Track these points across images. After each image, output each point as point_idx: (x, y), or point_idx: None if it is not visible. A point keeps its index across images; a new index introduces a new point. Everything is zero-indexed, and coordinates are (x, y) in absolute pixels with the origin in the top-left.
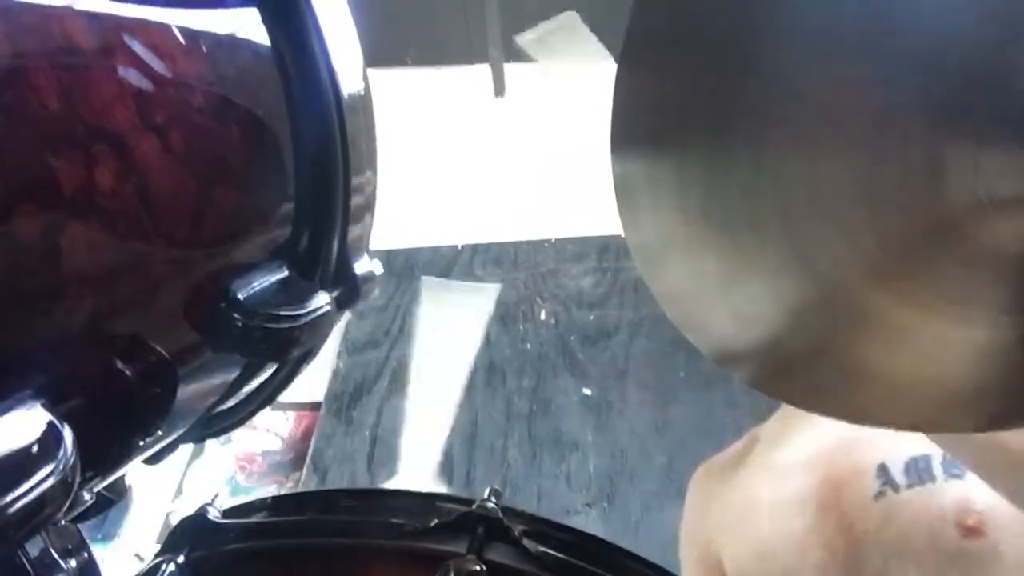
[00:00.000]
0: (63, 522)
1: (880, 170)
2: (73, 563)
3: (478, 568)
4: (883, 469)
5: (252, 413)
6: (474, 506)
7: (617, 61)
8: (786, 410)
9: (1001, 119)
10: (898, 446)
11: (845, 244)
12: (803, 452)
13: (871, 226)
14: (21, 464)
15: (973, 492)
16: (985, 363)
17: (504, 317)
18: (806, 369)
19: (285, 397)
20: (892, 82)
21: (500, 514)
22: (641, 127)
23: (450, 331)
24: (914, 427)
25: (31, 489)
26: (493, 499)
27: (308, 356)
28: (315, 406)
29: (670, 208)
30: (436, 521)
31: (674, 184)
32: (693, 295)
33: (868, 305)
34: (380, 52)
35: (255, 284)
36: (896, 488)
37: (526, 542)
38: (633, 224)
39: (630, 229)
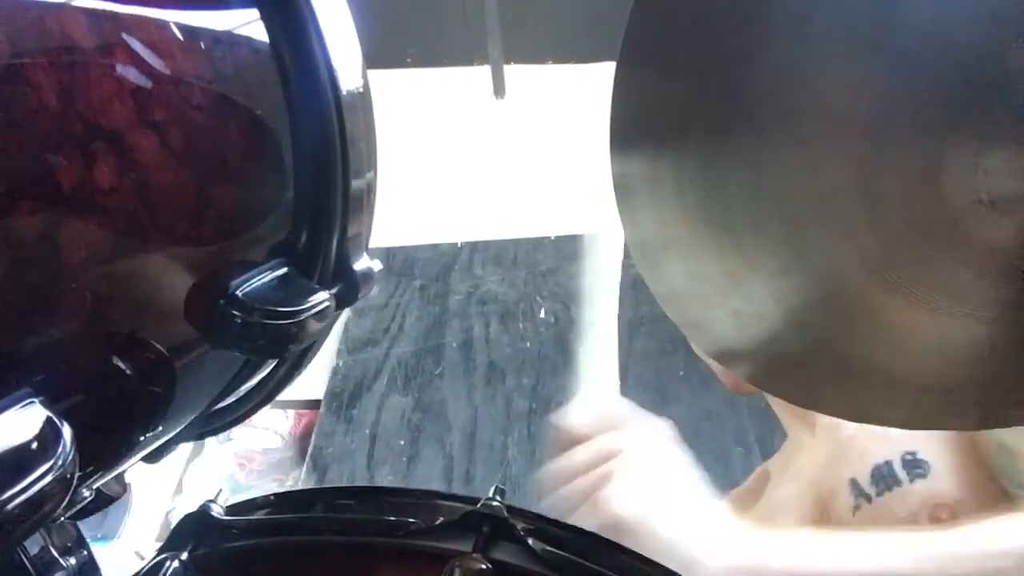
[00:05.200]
0: (62, 520)
1: (880, 169)
2: (73, 561)
3: (484, 567)
4: (854, 483)
5: (252, 411)
6: (479, 505)
7: (617, 61)
8: (789, 444)
9: (1001, 119)
10: (862, 457)
11: (845, 243)
12: (798, 481)
13: (871, 225)
14: (20, 461)
15: (938, 487)
16: (984, 361)
17: (504, 316)
18: (805, 367)
19: (285, 395)
20: (892, 82)
21: (505, 513)
22: (640, 126)
23: None
24: (913, 425)
25: (30, 486)
26: (498, 498)
27: (308, 354)
28: (315, 404)
29: (670, 207)
30: (441, 520)
31: (673, 183)
32: (693, 293)
33: (868, 303)
34: (380, 52)
35: (254, 281)
36: (869, 499)
37: (531, 541)
38: (633, 223)
39: (630, 228)
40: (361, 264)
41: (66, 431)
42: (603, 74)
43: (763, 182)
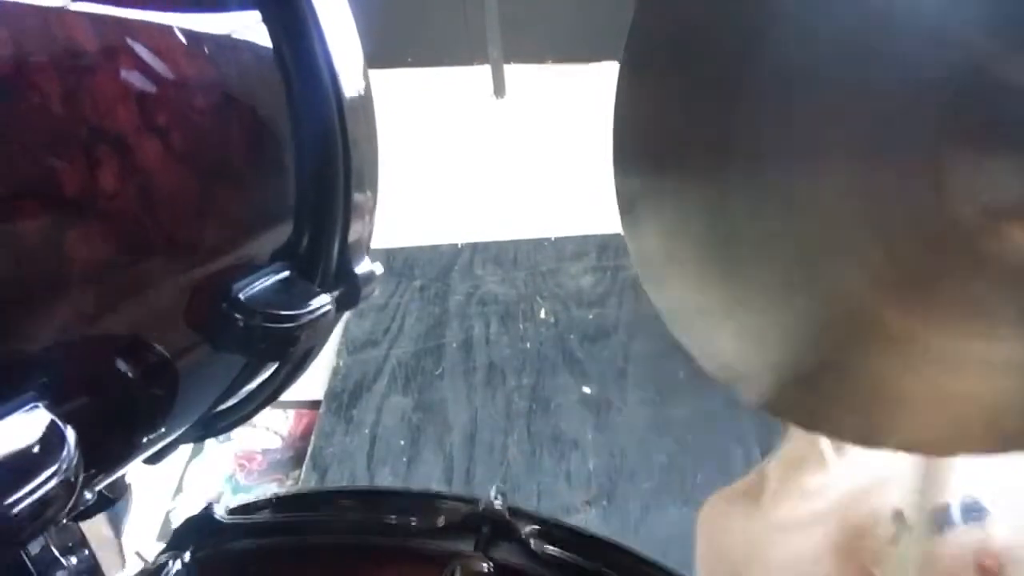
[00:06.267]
0: (64, 521)
1: (882, 181)
2: (74, 560)
3: (485, 567)
4: (900, 515)
5: (253, 412)
6: (480, 505)
7: (618, 77)
8: (791, 453)
9: (1001, 127)
10: (915, 493)
11: (851, 260)
12: (817, 504)
13: (876, 240)
14: (24, 465)
15: (991, 534)
16: (999, 380)
17: (504, 316)
18: (813, 389)
19: (285, 395)
20: (892, 93)
21: (506, 513)
22: (643, 141)
23: None
24: (927, 449)
25: (34, 490)
26: (499, 499)
27: (309, 356)
28: (315, 404)
29: (672, 222)
30: (443, 520)
31: (676, 199)
32: (697, 312)
33: (877, 322)
34: (380, 53)
35: (256, 284)
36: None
37: (532, 541)
38: (636, 238)
39: (633, 243)
40: (362, 267)
41: (70, 435)
42: (603, 74)
43: (766, 197)
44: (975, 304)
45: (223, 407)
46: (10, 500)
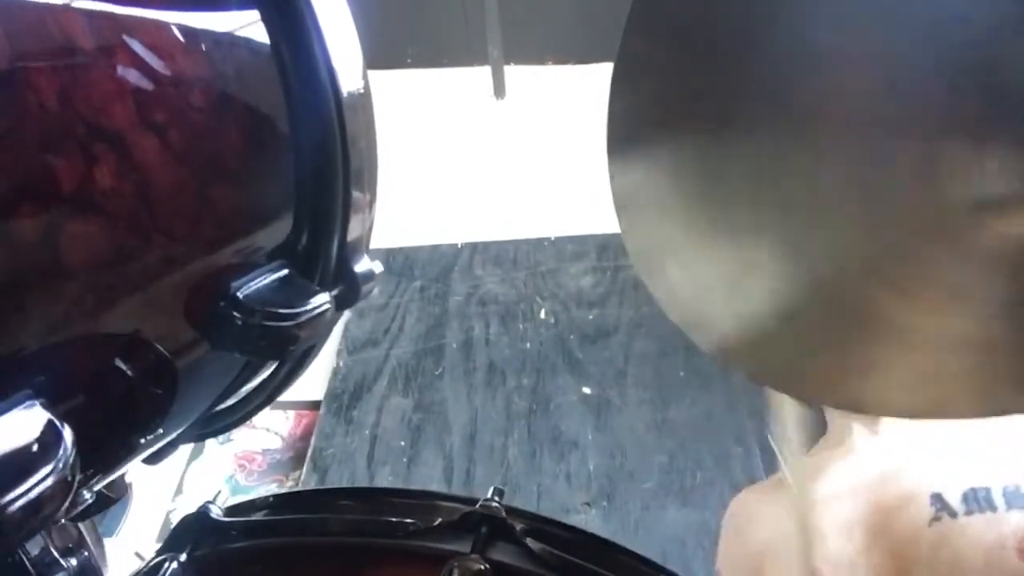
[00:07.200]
0: (63, 521)
1: (878, 168)
2: (73, 561)
3: (482, 567)
4: (938, 497)
5: (253, 412)
6: (477, 505)
7: (613, 71)
8: (832, 442)
9: (998, 119)
10: (954, 476)
11: (844, 243)
12: (845, 482)
13: (870, 225)
14: (21, 463)
15: None
16: (986, 354)
17: (504, 316)
18: (810, 364)
19: (285, 396)
20: (889, 83)
21: (503, 513)
22: (638, 132)
23: None
24: (920, 415)
25: (31, 488)
26: (496, 498)
27: (309, 356)
28: (315, 405)
29: (669, 213)
30: (440, 520)
31: (673, 188)
32: (695, 297)
33: (869, 302)
34: (380, 53)
35: (254, 282)
36: (953, 515)
37: (529, 541)
38: (632, 230)
39: (629, 235)
40: (361, 266)
41: (67, 433)
42: (603, 74)
43: (762, 184)
44: (964, 288)
45: (222, 407)
46: (6, 498)
